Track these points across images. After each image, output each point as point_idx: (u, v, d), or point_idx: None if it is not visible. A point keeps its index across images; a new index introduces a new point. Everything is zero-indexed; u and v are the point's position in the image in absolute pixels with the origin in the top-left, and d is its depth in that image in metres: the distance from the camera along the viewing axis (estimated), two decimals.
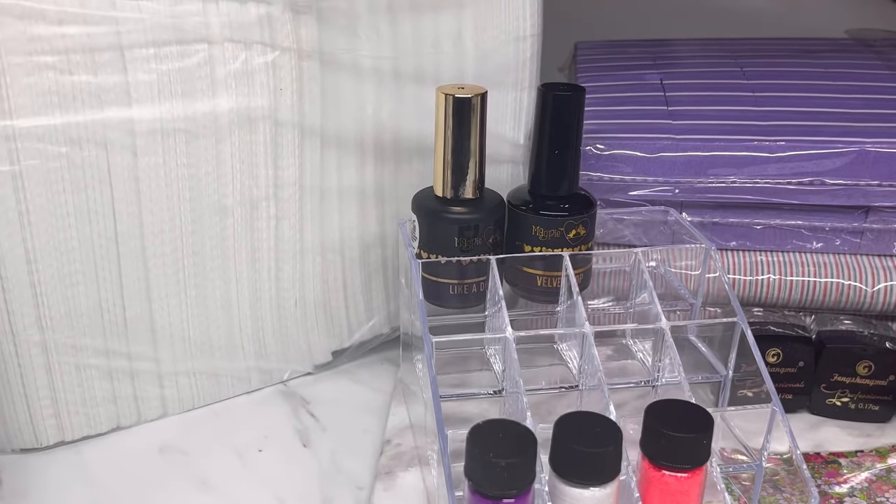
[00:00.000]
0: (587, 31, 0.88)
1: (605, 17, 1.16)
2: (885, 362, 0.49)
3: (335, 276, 0.54)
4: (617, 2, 1.18)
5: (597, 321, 0.53)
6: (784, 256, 0.52)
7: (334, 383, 0.55)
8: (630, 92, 0.56)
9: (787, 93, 0.55)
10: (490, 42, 0.54)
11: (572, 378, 0.46)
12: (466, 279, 0.46)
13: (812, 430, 0.50)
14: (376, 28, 0.49)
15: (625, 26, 1.12)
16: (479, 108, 0.44)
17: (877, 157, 0.49)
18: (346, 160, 0.51)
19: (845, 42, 0.63)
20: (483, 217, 0.46)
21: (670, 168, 0.51)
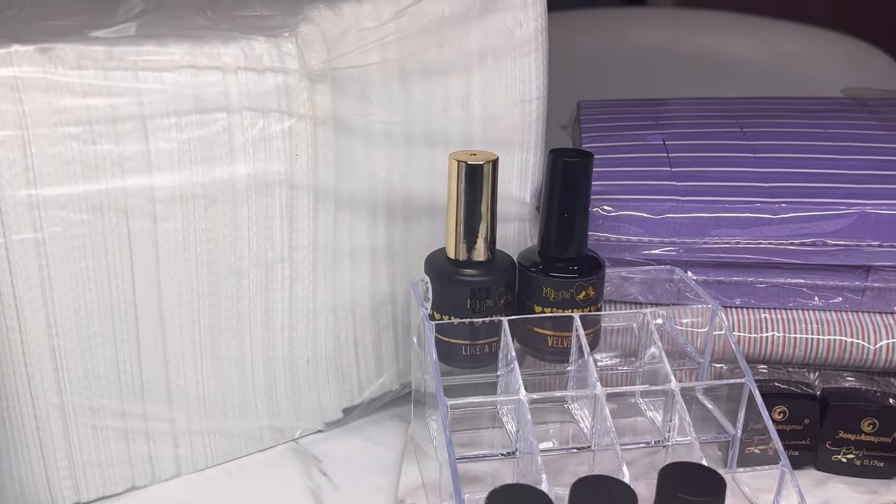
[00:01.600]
0: (587, 89, 0.90)
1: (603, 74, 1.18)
2: (889, 419, 0.50)
3: (346, 334, 0.54)
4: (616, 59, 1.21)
5: (605, 379, 0.54)
6: (787, 314, 0.53)
7: (345, 441, 0.55)
8: (634, 153, 0.58)
9: (787, 153, 0.56)
10: (497, 105, 0.55)
11: (583, 436, 0.47)
12: (478, 340, 0.47)
13: (819, 486, 0.51)
14: (388, 94, 0.51)
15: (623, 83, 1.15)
16: (490, 174, 0.46)
17: (877, 219, 0.50)
18: (359, 221, 0.52)
19: (842, 101, 0.65)
20: (495, 279, 0.47)
21: (676, 229, 0.52)
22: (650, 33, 1.27)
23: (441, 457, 0.44)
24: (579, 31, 1.26)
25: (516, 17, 0.55)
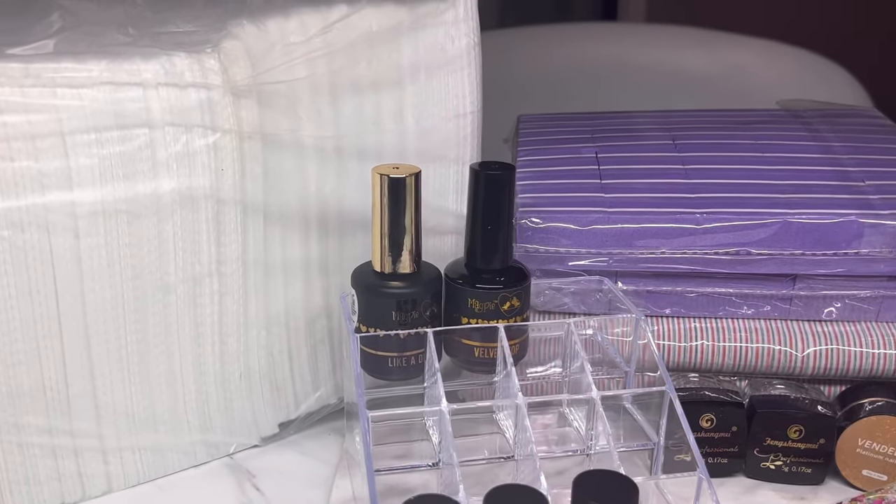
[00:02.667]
0: (540, 103, 0.91)
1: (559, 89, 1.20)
2: (815, 426, 0.50)
3: (280, 349, 0.54)
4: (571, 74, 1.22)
5: (538, 390, 0.54)
6: (717, 323, 0.54)
7: (281, 455, 0.55)
8: (567, 166, 0.58)
9: (716, 165, 0.57)
10: (431, 119, 0.56)
11: (510, 448, 0.47)
12: (405, 352, 0.47)
13: (748, 493, 0.51)
14: (318, 109, 0.51)
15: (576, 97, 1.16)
16: (413, 187, 0.46)
17: (799, 228, 0.51)
18: (291, 235, 0.53)
19: (776, 113, 0.66)
20: (420, 291, 0.47)
21: (602, 240, 0.52)
22: (606, 48, 1.28)
23: (363, 469, 0.44)
24: (535, 47, 1.27)
25: (448, 33, 0.55)
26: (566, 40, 1.31)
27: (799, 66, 1.24)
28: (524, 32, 1.49)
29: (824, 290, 0.53)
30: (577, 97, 1.17)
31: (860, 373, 0.53)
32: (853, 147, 0.59)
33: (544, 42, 1.30)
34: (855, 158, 0.57)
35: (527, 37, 1.36)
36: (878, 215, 0.51)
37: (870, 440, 0.50)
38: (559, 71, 1.23)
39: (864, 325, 0.53)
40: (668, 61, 1.25)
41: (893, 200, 0.52)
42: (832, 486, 0.52)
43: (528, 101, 1.07)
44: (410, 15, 0.54)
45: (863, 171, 0.56)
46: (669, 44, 1.30)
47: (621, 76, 1.22)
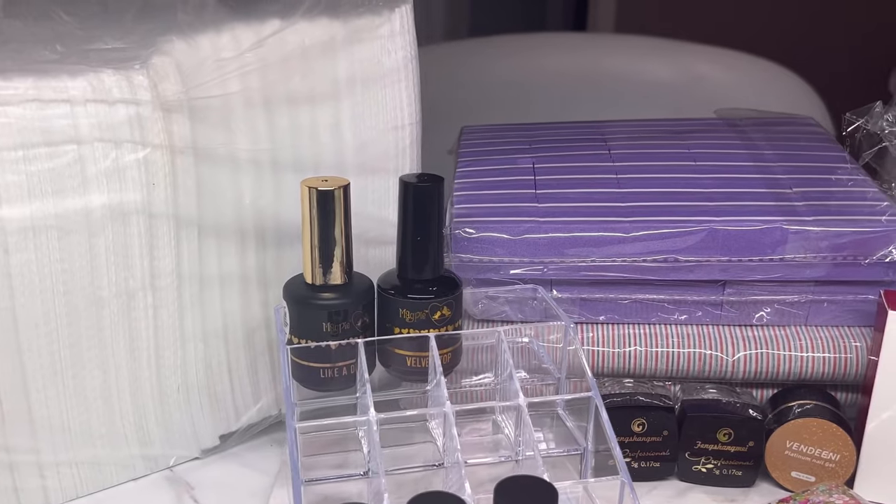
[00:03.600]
0: (503, 113, 0.91)
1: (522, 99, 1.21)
2: (744, 429, 0.51)
3: (219, 361, 0.55)
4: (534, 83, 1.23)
5: (475, 397, 0.55)
6: (650, 329, 0.55)
7: (222, 467, 0.56)
8: (504, 176, 0.59)
9: (648, 174, 0.58)
10: (369, 132, 0.57)
11: (441, 456, 0.48)
12: (338, 362, 0.48)
13: (679, 496, 0.52)
14: (252, 122, 0.52)
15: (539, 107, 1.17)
16: (342, 199, 0.47)
17: (725, 235, 0.52)
18: (226, 248, 0.53)
19: (713, 122, 0.68)
20: (352, 302, 0.48)
21: (535, 249, 0.53)
22: (570, 58, 1.29)
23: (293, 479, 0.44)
24: (498, 57, 1.28)
25: (384, 47, 0.56)
26: (530, 50, 1.32)
27: (757, 75, 1.26)
28: (489, 42, 1.50)
29: (753, 295, 0.54)
30: (539, 107, 1.18)
31: (790, 376, 0.54)
32: (784, 155, 0.60)
33: (507, 52, 1.31)
34: (785, 166, 0.58)
35: (490, 46, 1.38)
36: (803, 221, 0.52)
37: (797, 442, 0.51)
38: (521, 80, 1.24)
39: (794, 329, 0.55)
40: (630, 71, 1.27)
41: (818, 207, 0.53)
42: (763, 487, 0.53)
43: (491, 111, 1.07)
44: (345, 29, 0.54)
45: (792, 178, 0.57)
46: (632, 54, 1.32)
47: (584, 86, 1.24)
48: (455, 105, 1.15)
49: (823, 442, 0.51)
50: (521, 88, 1.22)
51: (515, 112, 1.01)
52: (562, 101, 1.20)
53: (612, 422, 0.51)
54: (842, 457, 0.51)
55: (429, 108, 1.16)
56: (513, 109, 1.16)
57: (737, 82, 1.24)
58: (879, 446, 0.50)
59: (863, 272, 0.52)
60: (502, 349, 0.49)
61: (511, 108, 1.17)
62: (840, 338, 0.54)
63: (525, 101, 1.20)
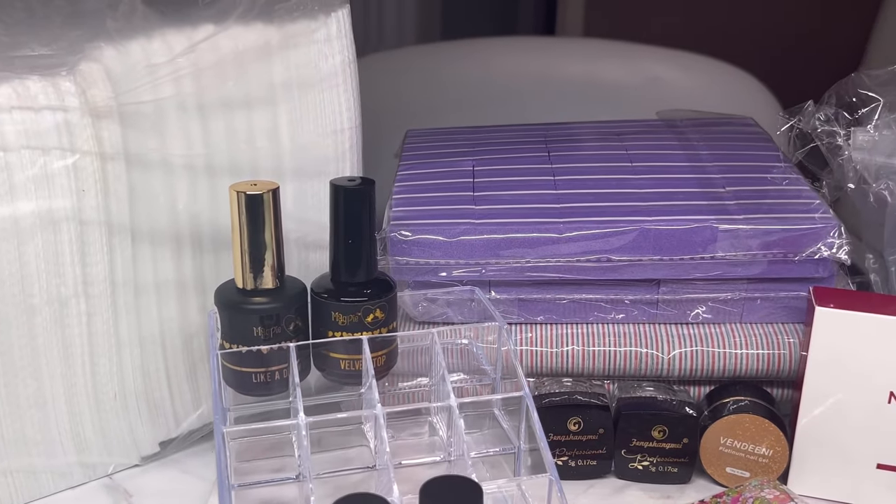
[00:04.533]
0: (460, 117, 0.92)
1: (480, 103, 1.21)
2: (678, 426, 0.52)
3: (157, 367, 0.54)
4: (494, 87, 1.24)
5: (411, 399, 0.55)
6: (587, 328, 0.56)
7: (162, 474, 0.55)
8: (443, 179, 0.60)
9: (585, 175, 0.59)
10: (307, 136, 0.57)
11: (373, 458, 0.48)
12: (270, 367, 0.48)
13: (616, 493, 0.53)
14: (186, 127, 0.52)
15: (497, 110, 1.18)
16: (271, 202, 0.47)
17: (657, 235, 0.53)
18: (162, 254, 0.53)
19: (652, 123, 0.68)
20: (283, 306, 0.48)
21: (470, 250, 0.54)
22: (531, 61, 1.30)
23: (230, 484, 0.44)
24: (452, 61, 1.28)
25: (321, 51, 0.56)
26: (488, 53, 1.33)
27: (713, 76, 1.27)
28: (448, 46, 1.51)
29: (687, 293, 0.55)
30: (496, 110, 1.18)
31: (724, 373, 0.55)
32: (720, 155, 0.61)
33: (465, 55, 1.32)
34: (720, 166, 0.59)
35: (449, 50, 1.38)
36: (733, 220, 0.53)
37: (731, 438, 0.52)
38: (479, 84, 1.25)
39: (729, 326, 0.55)
40: (586, 74, 1.28)
41: (749, 206, 0.54)
42: (699, 484, 0.53)
43: (448, 114, 1.08)
44: (280, 34, 0.54)
45: (725, 177, 0.58)
46: (589, 57, 1.33)
47: (541, 89, 1.24)
48: (412, 108, 1.16)
49: (756, 437, 0.52)
50: (479, 91, 1.23)
51: (471, 115, 1.01)
52: (519, 103, 1.20)
53: (549, 421, 0.52)
54: (775, 452, 0.52)
55: (391, 111, 1.16)
56: (469, 112, 1.16)
57: (692, 84, 1.25)
58: (811, 441, 0.51)
59: (794, 269, 0.53)
60: (436, 351, 0.49)
61: (467, 111, 1.17)
62: (774, 334, 0.54)
63: (482, 104, 1.20)
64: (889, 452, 0.50)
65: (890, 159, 0.52)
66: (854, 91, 0.55)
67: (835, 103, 0.56)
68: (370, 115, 1.12)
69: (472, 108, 1.18)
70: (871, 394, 0.49)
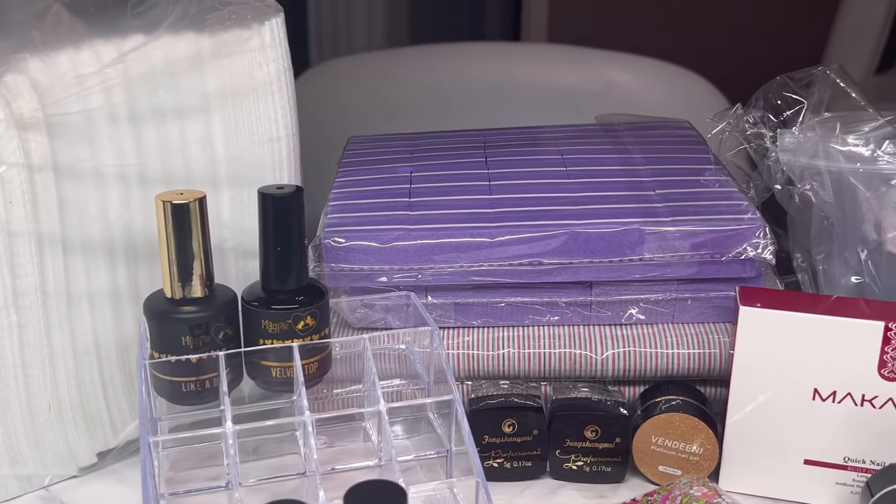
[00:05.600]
0: (413, 122, 0.92)
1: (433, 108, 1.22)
2: (610, 426, 0.53)
3: (92, 378, 0.54)
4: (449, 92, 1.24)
5: (347, 405, 0.55)
6: (523, 331, 0.56)
7: (100, 485, 0.55)
8: (380, 185, 0.60)
9: (519, 180, 0.59)
10: (243, 144, 0.57)
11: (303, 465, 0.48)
12: (200, 376, 0.48)
13: (551, 494, 0.53)
14: (117, 137, 0.52)
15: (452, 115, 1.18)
16: (198, 211, 0.47)
17: (586, 238, 0.53)
18: (94, 264, 0.53)
19: (590, 128, 0.69)
20: (212, 315, 0.48)
21: (404, 256, 0.54)
22: (486, 67, 1.31)
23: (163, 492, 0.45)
24: (411, 67, 1.29)
25: (255, 60, 0.56)
26: (445, 59, 1.34)
27: (667, 80, 1.29)
28: (406, 52, 1.51)
29: (619, 295, 0.55)
30: (453, 116, 1.19)
31: (657, 372, 0.55)
32: (653, 158, 0.62)
33: (423, 61, 1.33)
34: (651, 169, 0.60)
35: (407, 56, 1.39)
36: (660, 222, 0.53)
37: (662, 437, 0.53)
38: (436, 89, 1.26)
39: (662, 326, 0.56)
40: (542, 79, 1.29)
41: (677, 208, 0.55)
42: (633, 482, 0.54)
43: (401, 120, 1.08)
44: (212, 43, 0.55)
45: (656, 180, 0.59)
46: (545, 62, 1.34)
47: (499, 94, 1.25)
48: (369, 114, 1.16)
49: (687, 436, 0.52)
50: (436, 97, 1.23)
51: (427, 121, 1.02)
52: (476, 109, 1.21)
53: (484, 423, 0.53)
54: (705, 450, 0.53)
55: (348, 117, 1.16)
56: (425, 118, 1.17)
57: (647, 88, 1.27)
58: (740, 439, 0.52)
59: (722, 270, 0.54)
60: (367, 357, 0.49)
61: (423, 116, 1.18)
62: (705, 334, 0.55)
63: (438, 110, 1.21)
64: (815, 448, 0.51)
65: (813, 160, 0.53)
66: (779, 94, 0.56)
67: (762, 106, 0.57)
68: (327, 121, 1.13)
69: (428, 114, 1.19)
70: (797, 391, 0.50)
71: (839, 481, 0.51)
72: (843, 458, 0.51)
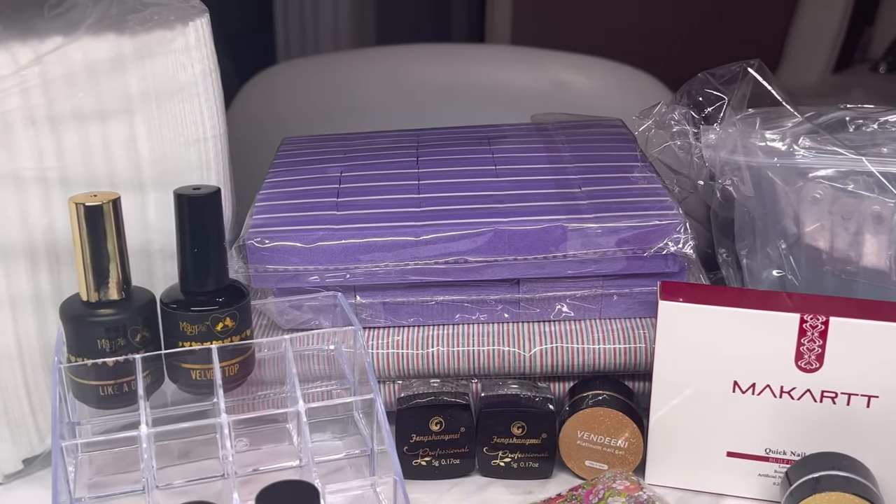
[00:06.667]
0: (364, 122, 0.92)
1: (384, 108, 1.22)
2: (536, 421, 0.53)
3: (15, 384, 0.54)
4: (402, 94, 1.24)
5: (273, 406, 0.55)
6: (453, 329, 0.56)
7: (26, 491, 0.54)
8: (309, 185, 0.60)
9: (448, 179, 0.59)
10: (168, 146, 0.57)
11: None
12: (118, 379, 0.47)
13: (479, 491, 0.54)
14: (35, 140, 0.51)
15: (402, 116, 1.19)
16: (112, 213, 0.47)
17: (511, 235, 0.54)
18: (16, 268, 0.52)
19: (523, 127, 0.69)
20: (129, 317, 0.47)
21: (330, 256, 0.54)
22: (438, 68, 1.31)
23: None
24: (369, 68, 1.29)
25: (179, 61, 0.56)
26: (397, 60, 1.34)
27: (618, 80, 1.30)
28: (359, 55, 1.51)
29: (546, 292, 0.56)
30: (403, 116, 1.19)
31: (584, 368, 0.56)
32: (581, 156, 0.62)
33: (376, 63, 1.33)
34: (579, 167, 0.61)
35: (359, 59, 1.39)
36: (583, 219, 0.54)
37: (588, 432, 0.53)
38: (387, 90, 1.26)
39: (589, 322, 0.56)
40: (494, 80, 1.29)
41: (601, 205, 0.55)
42: (561, 478, 0.54)
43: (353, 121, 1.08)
44: (134, 44, 0.54)
45: (582, 178, 0.59)
46: (497, 63, 1.34)
47: (452, 94, 1.26)
48: (323, 116, 1.16)
49: (612, 430, 0.53)
50: (389, 99, 1.24)
51: (379, 122, 1.02)
52: (431, 110, 1.21)
53: (411, 422, 0.53)
54: (630, 444, 0.53)
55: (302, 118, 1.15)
56: (376, 119, 1.17)
57: (598, 88, 1.28)
58: (664, 432, 0.53)
59: (645, 265, 0.55)
60: (288, 358, 0.49)
61: (375, 118, 1.18)
62: (631, 329, 0.56)
63: (390, 111, 1.21)
64: (737, 441, 0.52)
65: (733, 155, 0.54)
66: (702, 90, 0.57)
67: (686, 103, 0.58)
68: (281, 122, 1.12)
69: (381, 115, 1.19)
70: (717, 384, 0.51)
71: (761, 473, 0.52)
72: (764, 449, 0.51)
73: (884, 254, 0.51)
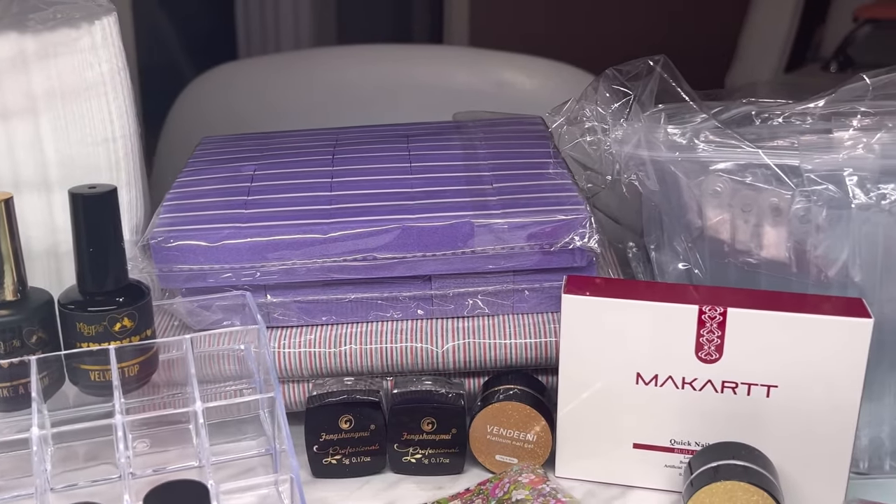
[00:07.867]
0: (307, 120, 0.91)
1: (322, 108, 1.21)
2: (445, 417, 0.53)
3: None
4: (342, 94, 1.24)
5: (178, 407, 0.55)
6: (366, 326, 0.56)
7: None
8: (220, 184, 0.59)
9: (361, 177, 0.59)
10: (74, 146, 0.56)
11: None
12: (14, 381, 0.47)
13: (390, 488, 0.54)
14: None
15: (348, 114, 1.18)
16: (4, 214, 0.46)
17: (419, 232, 0.54)
18: None
19: (444, 126, 0.70)
20: (24, 318, 0.47)
21: (236, 255, 0.54)
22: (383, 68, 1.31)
23: None
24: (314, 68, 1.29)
25: (85, 60, 0.55)
26: (347, 61, 1.34)
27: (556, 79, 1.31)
28: (307, 55, 1.51)
29: (457, 287, 0.56)
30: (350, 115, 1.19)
31: (497, 363, 0.56)
32: (496, 153, 0.63)
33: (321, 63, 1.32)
34: (493, 164, 0.61)
35: (307, 58, 1.38)
36: (490, 215, 0.54)
37: (497, 426, 0.53)
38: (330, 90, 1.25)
39: (502, 317, 0.57)
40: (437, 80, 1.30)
41: (509, 201, 0.56)
42: (473, 473, 0.55)
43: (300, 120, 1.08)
44: (36, 43, 0.54)
45: (495, 174, 0.59)
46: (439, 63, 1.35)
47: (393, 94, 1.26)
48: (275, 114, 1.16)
49: (520, 424, 0.53)
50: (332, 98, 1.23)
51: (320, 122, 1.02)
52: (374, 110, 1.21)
53: (320, 420, 0.53)
54: (539, 438, 0.53)
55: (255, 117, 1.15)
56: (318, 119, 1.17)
57: (539, 88, 1.29)
58: (572, 426, 0.53)
59: (553, 260, 0.55)
60: (188, 358, 0.49)
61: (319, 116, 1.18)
62: (542, 324, 0.56)
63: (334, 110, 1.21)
64: (643, 432, 0.52)
65: (637, 150, 0.54)
66: (609, 87, 0.57)
67: (594, 99, 0.58)
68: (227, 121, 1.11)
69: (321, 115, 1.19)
70: (621, 376, 0.51)
71: (667, 464, 0.52)
72: (669, 440, 0.52)
73: (783, 245, 0.52)
